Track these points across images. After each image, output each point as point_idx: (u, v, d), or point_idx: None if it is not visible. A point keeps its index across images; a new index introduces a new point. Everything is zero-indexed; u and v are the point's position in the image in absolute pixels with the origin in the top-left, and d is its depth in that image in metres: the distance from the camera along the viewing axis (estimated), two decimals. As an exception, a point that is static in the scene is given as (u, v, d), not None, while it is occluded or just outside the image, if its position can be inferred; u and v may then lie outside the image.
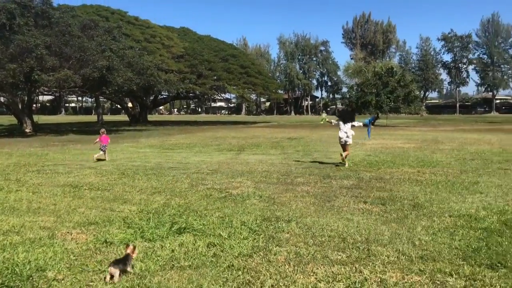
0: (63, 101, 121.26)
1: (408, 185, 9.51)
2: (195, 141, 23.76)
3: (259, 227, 6.09)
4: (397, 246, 5.27)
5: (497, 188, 9.02)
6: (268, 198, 8.09)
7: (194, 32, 60.77)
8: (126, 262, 4.44)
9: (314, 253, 5.05)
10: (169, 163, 13.52)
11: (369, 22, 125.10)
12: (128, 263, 4.45)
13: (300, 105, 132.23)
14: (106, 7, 47.64)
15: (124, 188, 9.17)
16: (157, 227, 6.05)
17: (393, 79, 46.24)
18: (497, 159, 14.11)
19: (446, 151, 17.15)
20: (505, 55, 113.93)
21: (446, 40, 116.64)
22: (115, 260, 4.48)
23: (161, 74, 38.35)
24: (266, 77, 63.52)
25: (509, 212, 6.90)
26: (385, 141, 22.84)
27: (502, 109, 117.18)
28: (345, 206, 7.49)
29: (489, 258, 4.84)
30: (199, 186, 9.41)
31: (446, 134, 29.05)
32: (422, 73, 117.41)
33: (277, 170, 11.83)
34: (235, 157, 15.59)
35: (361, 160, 14.05)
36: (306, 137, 26.48)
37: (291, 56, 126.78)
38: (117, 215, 6.83)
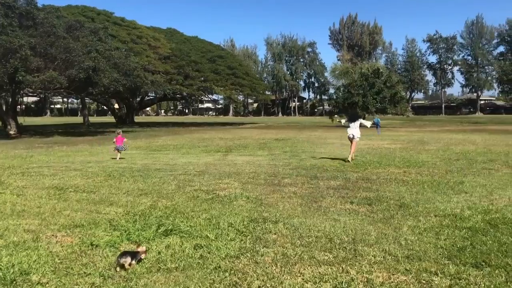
0: (48, 103, 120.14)
1: (394, 185, 9.58)
2: (182, 142, 23.67)
3: (246, 228, 6.08)
4: (383, 246, 5.31)
5: (481, 188, 9.13)
6: (256, 199, 8.09)
7: (181, 33, 60.57)
8: (134, 256, 4.66)
9: (301, 253, 5.06)
10: (156, 165, 13.44)
11: (355, 24, 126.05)
12: (135, 258, 4.66)
13: (288, 106, 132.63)
14: (92, 8, 47.21)
15: (110, 190, 9.09)
16: (143, 229, 6.01)
17: (379, 80, 46.59)
18: (482, 159, 14.29)
19: (431, 151, 17.33)
20: (489, 56, 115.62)
21: (432, 42, 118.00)
22: (124, 252, 4.75)
23: (147, 75, 38.14)
24: (253, 78, 63.54)
25: (493, 212, 6.99)
26: (372, 142, 22.98)
27: (486, 110, 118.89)
28: (332, 206, 7.52)
29: (473, 257, 4.89)
30: (186, 187, 9.37)
31: (431, 135, 29.35)
32: (408, 74, 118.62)
33: (265, 171, 11.83)
34: (222, 158, 15.56)
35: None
36: (294, 138, 26.55)
37: (278, 57, 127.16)
38: (103, 217, 6.76)
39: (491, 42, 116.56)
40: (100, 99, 53.02)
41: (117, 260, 4.64)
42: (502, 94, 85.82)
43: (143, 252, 4.87)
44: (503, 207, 7.32)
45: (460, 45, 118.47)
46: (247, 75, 58.92)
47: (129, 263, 4.59)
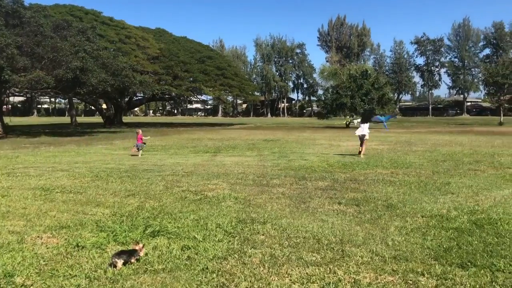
0: (35, 102, 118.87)
1: (381, 186, 9.63)
2: (171, 143, 23.58)
3: (234, 229, 6.07)
4: (370, 246, 5.33)
5: (467, 189, 9.22)
6: (244, 200, 8.08)
7: (170, 33, 60.32)
8: (131, 255, 4.73)
9: (289, 254, 5.06)
10: (143, 165, 13.37)
11: (344, 25, 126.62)
12: (133, 256, 4.73)
13: (277, 107, 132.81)
14: (80, 7, 46.79)
15: (97, 191, 9.01)
16: (130, 230, 5.97)
17: (367, 81, 46.91)
18: (468, 160, 14.44)
19: (419, 152, 17.46)
20: (475, 58, 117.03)
21: (419, 44, 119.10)
22: (120, 251, 4.80)
23: (136, 75, 37.86)
24: (242, 79, 63.50)
25: (479, 212, 7.06)
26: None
27: (472, 111, 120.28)
28: (320, 207, 7.54)
29: (459, 257, 4.93)
30: (174, 188, 9.32)
31: (419, 136, 29.60)
32: (395, 76, 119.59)
33: (253, 172, 11.82)
34: (211, 159, 15.52)
35: (336, 162, 14.16)
36: (282, 139, 26.58)
37: (268, 58, 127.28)
38: (89, 218, 6.70)
39: (477, 44, 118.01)
40: (88, 99, 52.53)
41: (111, 258, 4.71)
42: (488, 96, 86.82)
43: (141, 249, 4.87)
44: (488, 207, 7.40)
45: (447, 48, 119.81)
46: (236, 75, 58.86)
47: (123, 263, 4.62)
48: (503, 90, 62.49)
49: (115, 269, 4.57)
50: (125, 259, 4.67)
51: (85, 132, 36.61)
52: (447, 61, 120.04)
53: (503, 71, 58.25)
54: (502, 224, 6.29)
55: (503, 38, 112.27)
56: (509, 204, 7.66)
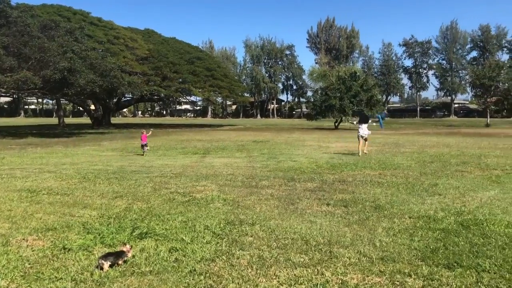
0: (22, 103, 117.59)
1: (369, 187, 9.68)
2: (159, 144, 23.47)
3: (223, 231, 6.05)
4: (358, 247, 5.35)
5: (454, 190, 9.30)
6: (233, 202, 8.07)
7: (159, 34, 60.04)
8: (119, 256, 4.69)
9: (277, 256, 5.06)
10: (132, 167, 13.29)
11: (333, 27, 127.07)
12: (120, 258, 4.70)
13: (266, 108, 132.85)
14: (68, 7, 46.35)
15: (85, 193, 8.94)
16: (117, 232, 5.93)
17: (356, 83, 47.13)
18: (455, 162, 14.58)
19: (406, 154, 17.59)
20: (463, 61, 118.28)
21: (407, 46, 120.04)
22: (107, 253, 4.76)
23: (124, 76, 37.60)
24: (232, 80, 63.41)
25: (465, 213, 7.13)
26: (348, 144, 23.20)
27: (460, 113, 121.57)
28: (309, 208, 7.55)
29: (446, 258, 4.97)
30: (162, 190, 9.28)
31: (407, 137, 29.81)
32: (384, 78, 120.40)
33: (242, 173, 11.81)
34: (200, 160, 15.48)
35: (325, 163, 14.20)
36: (272, 140, 26.59)
37: (257, 59, 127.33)
38: (76, 220, 6.64)
39: (464, 47, 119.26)
40: (76, 100, 52.06)
41: (97, 260, 4.68)
42: (475, 98, 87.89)
43: (128, 251, 4.84)
44: (475, 208, 7.48)
45: (435, 50, 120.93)
46: (225, 76, 58.77)
47: (110, 265, 4.60)
48: (489, 92, 63.26)
49: (101, 272, 4.53)
50: (112, 261, 4.63)
51: (73, 133, 36.31)
52: (435, 63, 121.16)
53: (490, 74, 58.98)
54: (488, 225, 6.35)
55: (489, 40, 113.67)
56: (494, 205, 7.74)
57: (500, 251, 5.21)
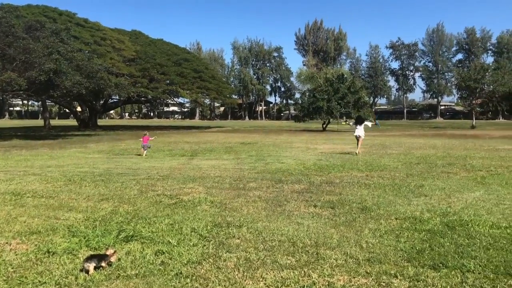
0: (7, 105, 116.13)
1: (356, 188, 9.73)
2: (147, 146, 23.27)
3: (210, 233, 6.03)
4: (345, 249, 5.36)
5: (440, 191, 9.39)
6: (220, 204, 8.03)
7: (146, 35, 59.68)
8: (102, 259, 4.64)
9: (264, 258, 5.05)
10: (118, 169, 13.18)
11: (321, 30, 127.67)
12: (103, 260, 4.64)
13: (254, 110, 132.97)
14: (53, 8, 45.81)
15: (70, 195, 8.84)
16: (103, 235, 5.86)
17: (343, 85, 47.39)
18: (441, 163, 14.72)
19: (393, 155, 17.72)
20: (449, 63, 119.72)
21: (394, 48, 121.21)
22: (91, 256, 4.70)
23: (111, 78, 37.32)
24: (220, 81, 63.28)
25: (451, 214, 7.19)
26: (336, 146, 23.34)
27: (446, 115, 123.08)
28: (296, 210, 7.56)
29: (432, 259, 5.01)
30: (149, 192, 9.21)
31: (393, 139, 30.04)
32: (371, 80, 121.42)
33: (230, 175, 11.79)
34: (187, 162, 15.41)
35: (313, 165, 14.24)
36: (260, 142, 26.60)
37: (245, 61, 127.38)
38: (61, 223, 6.56)
39: (450, 49, 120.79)
40: (62, 101, 51.52)
41: (82, 264, 4.63)
42: (460, 100, 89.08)
43: (112, 254, 4.79)
44: (460, 209, 7.55)
45: (422, 52, 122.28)
46: (213, 78, 58.65)
47: (95, 266, 4.56)
48: (475, 94, 64.10)
49: (87, 275, 4.47)
50: (96, 264, 4.58)
51: (59, 135, 35.92)
52: (421, 65, 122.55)
53: (475, 76, 59.78)
54: (473, 226, 6.42)
55: (474, 43, 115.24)
56: (479, 206, 7.83)
57: (485, 251, 5.27)
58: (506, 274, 4.56)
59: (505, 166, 13.76)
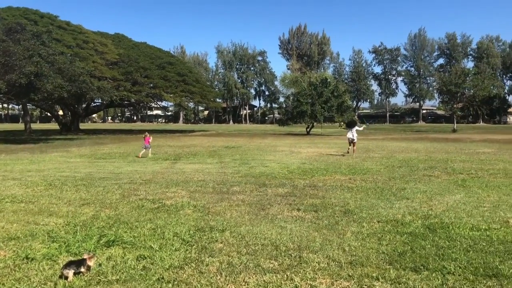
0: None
1: (340, 192, 9.77)
2: (129, 150, 23.12)
3: (192, 238, 5.98)
4: (327, 252, 5.38)
5: (422, 194, 9.49)
6: (203, 208, 7.99)
7: (129, 38, 59.28)
8: (81, 264, 4.56)
9: (247, 262, 5.03)
10: (100, 173, 13.03)
11: (304, 34, 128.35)
12: (82, 266, 4.56)
13: (239, 114, 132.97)
14: (35, 10, 45.20)
15: (51, 200, 8.70)
16: (84, 241, 5.78)
17: (327, 89, 47.69)
18: (423, 166, 14.90)
19: (376, 159, 17.87)
20: (430, 68, 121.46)
21: (377, 53, 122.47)
22: (69, 262, 4.62)
23: (94, 81, 36.92)
24: (204, 85, 63.12)
25: (432, 217, 7.27)
26: (320, 149, 23.45)
27: (428, 119, 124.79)
28: (279, 214, 7.55)
29: (413, 261, 5.05)
30: (131, 197, 9.12)
31: (376, 143, 30.31)
32: (354, 84, 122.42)
33: (213, 179, 11.74)
34: (170, 166, 15.32)
35: (296, 168, 14.28)
36: (244, 146, 26.59)
37: (229, 65, 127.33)
38: (41, 228, 6.45)
39: (432, 54, 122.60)
40: (43, 105, 50.81)
41: (61, 270, 4.55)
42: (442, 104, 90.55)
43: (90, 258, 4.72)
44: (441, 212, 7.64)
45: (404, 57, 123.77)
46: (197, 82, 58.47)
47: (75, 272, 4.48)
48: (456, 98, 65.12)
49: (66, 281, 4.40)
50: (76, 270, 4.50)
51: (40, 139, 35.38)
52: (403, 70, 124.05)
53: (456, 80, 60.74)
54: (454, 228, 6.50)
55: (455, 48, 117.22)
56: (460, 209, 7.93)
57: (465, 253, 5.33)
58: (485, 275, 4.62)
59: (485, 169, 13.98)
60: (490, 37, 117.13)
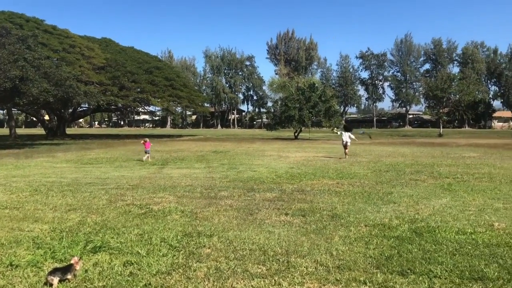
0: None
1: (327, 196, 9.81)
2: (116, 155, 22.94)
3: (180, 243, 5.95)
4: (315, 256, 5.39)
5: (408, 198, 9.57)
6: (191, 213, 7.95)
7: (116, 43, 59.04)
8: (67, 271, 4.49)
9: (235, 267, 5.02)
10: (87, 179, 12.91)
11: (292, 39, 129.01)
12: (69, 272, 4.49)
13: (227, 119, 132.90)
14: (20, 14, 44.77)
15: (36, 206, 8.59)
16: (70, 247, 5.71)
17: (315, 94, 47.89)
18: (410, 170, 15.02)
19: (363, 163, 17.97)
20: (417, 73, 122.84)
21: (364, 58, 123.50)
22: (55, 268, 4.55)
23: (80, 86, 36.63)
24: (192, 90, 63.05)
25: (418, 221, 7.33)
26: (307, 154, 23.51)
27: (414, 124, 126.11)
28: (267, 218, 7.55)
29: (400, 265, 5.08)
30: (118, 202, 9.04)
31: (363, 147, 30.48)
32: (341, 89, 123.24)
33: (201, 184, 11.71)
34: (158, 171, 15.23)
35: (284, 173, 14.30)
36: (232, 151, 26.55)
37: (217, 70, 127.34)
38: (26, 235, 6.36)
39: (418, 59, 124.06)
40: (29, 110, 50.29)
41: (46, 277, 4.49)
42: (428, 109, 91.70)
43: (76, 262, 4.65)
44: (427, 216, 7.70)
45: (390, 62, 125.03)
46: (185, 86, 58.37)
47: (59, 280, 4.42)
48: (442, 103, 65.94)
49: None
50: (61, 276, 4.44)
51: (26, 144, 34.96)
52: (390, 75, 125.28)
53: (442, 85, 61.55)
54: (440, 232, 6.55)
55: (441, 54, 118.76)
56: (446, 213, 8.01)
57: (451, 257, 5.38)
58: (471, 278, 4.67)
59: (470, 173, 14.15)
60: (475, 43, 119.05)
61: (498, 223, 7.16)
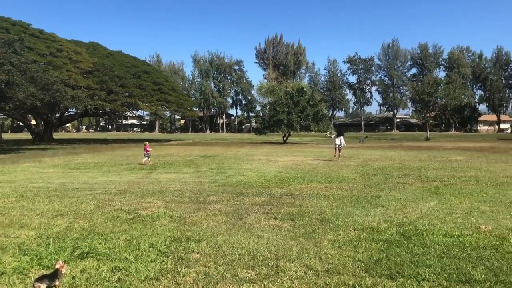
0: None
1: (316, 200, 9.83)
2: (104, 160, 22.76)
3: (168, 249, 5.92)
4: (304, 261, 5.39)
5: (396, 201, 9.63)
6: (179, 218, 7.92)
7: (104, 47, 58.66)
8: (54, 277, 4.44)
9: (224, 272, 5.00)
10: (74, 184, 12.78)
11: (280, 44, 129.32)
12: (56, 279, 4.44)
13: (216, 123, 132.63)
14: (6, 18, 44.23)
15: (22, 212, 8.48)
16: (57, 253, 5.65)
17: (303, 98, 48.09)
18: (397, 174, 15.13)
19: (351, 167, 18.05)
20: (403, 77, 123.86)
21: (351, 63, 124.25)
22: (42, 275, 4.49)
23: (68, 90, 36.31)
24: (180, 94, 62.87)
25: (407, 224, 7.38)
26: (296, 158, 23.56)
27: (401, 127, 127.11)
28: (256, 223, 7.54)
29: (388, 268, 5.10)
30: (106, 207, 8.97)
31: (352, 151, 30.63)
32: (330, 93, 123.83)
33: (190, 189, 11.66)
34: (146, 176, 15.14)
35: (273, 177, 14.31)
36: (221, 155, 26.51)
37: (206, 74, 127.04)
38: (11, 241, 6.27)
39: (405, 64, 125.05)
40: (15, 114, 49.68)
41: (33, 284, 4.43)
42: (415, 113, 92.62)
43: (62, 266, 4.62)
44: (415, 219, 7.76)
45: (378, 67, 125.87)
46: (173, 91, 58.19)
47: (47, 286, 4.37)
48: (428, 107, 66.61)
49: None
50: (48, 283, 4.39)
51: (12, 149, 34.52)
52: (377, 79, 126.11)
53: (428, 90, 62.16)
54: (428, 235, 6.60)
55: (427, 58, 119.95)
56: (434, 216, 8.07)
57: (439, 259, 5.42)
58: (458, 281, 4.71)
59: (457, 177, 14.29)
60: (461, 48, 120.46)
61: (484, 225, 7.24)
